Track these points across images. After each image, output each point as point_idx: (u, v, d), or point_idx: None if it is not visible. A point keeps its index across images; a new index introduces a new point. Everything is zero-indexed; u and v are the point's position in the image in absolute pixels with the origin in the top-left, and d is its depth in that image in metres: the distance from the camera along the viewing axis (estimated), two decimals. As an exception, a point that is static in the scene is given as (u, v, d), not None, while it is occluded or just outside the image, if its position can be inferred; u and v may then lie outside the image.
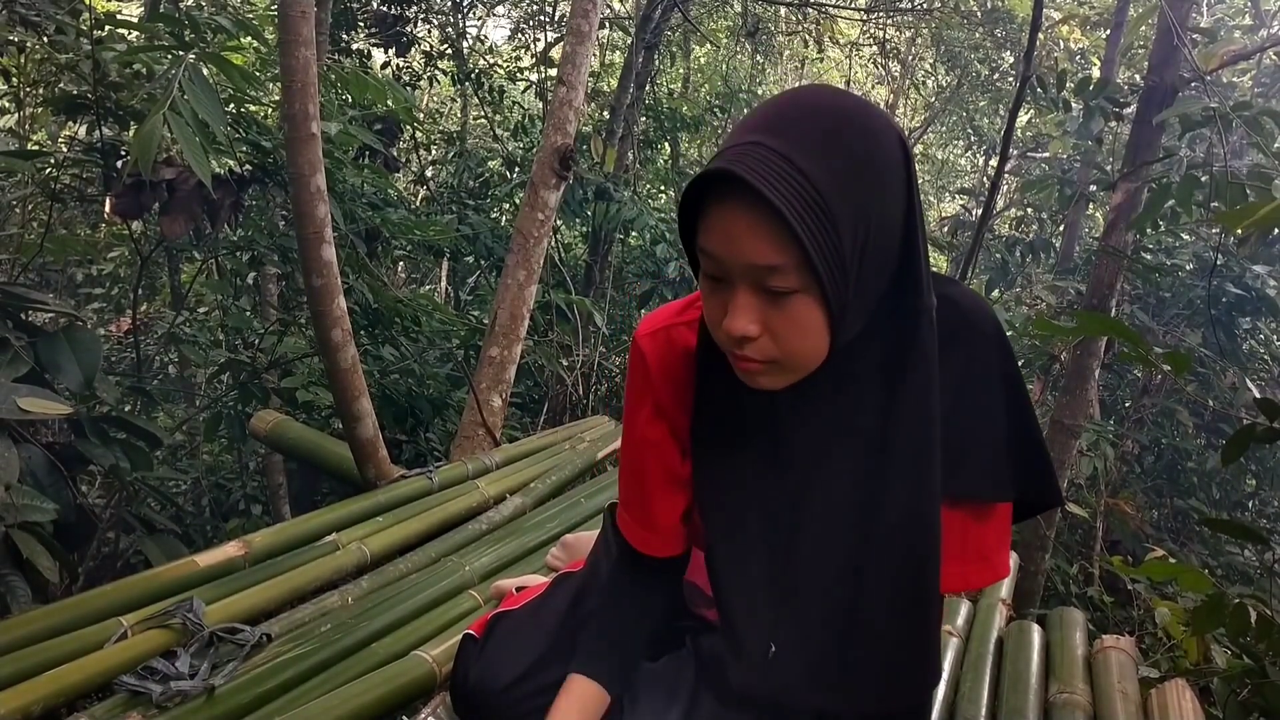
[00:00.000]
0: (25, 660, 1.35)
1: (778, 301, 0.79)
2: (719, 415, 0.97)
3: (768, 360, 0.82)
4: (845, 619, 0.91)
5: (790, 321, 0.80)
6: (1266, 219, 1.52)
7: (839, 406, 0.89)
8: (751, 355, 0.82)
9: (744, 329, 0.80)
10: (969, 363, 0.89)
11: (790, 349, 0.82)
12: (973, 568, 0.95)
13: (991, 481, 0.92)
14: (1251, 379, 4.16)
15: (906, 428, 0.87)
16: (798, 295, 0.78)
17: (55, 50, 2.73)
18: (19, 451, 1.66)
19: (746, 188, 0.75)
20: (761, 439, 0.94)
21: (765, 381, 0.85)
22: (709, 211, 0.80)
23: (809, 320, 0.80)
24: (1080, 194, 4.81)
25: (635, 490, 1.07)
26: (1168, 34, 3.20)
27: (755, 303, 0.80)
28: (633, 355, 1.03)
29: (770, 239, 0.76)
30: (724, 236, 0.78)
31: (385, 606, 1.67)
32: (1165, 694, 1.57)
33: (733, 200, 0.77)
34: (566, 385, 4.27)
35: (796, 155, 0.75)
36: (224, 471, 3.94)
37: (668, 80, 7.88)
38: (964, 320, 0.90)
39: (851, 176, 0.76)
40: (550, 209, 2.72)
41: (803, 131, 0.77)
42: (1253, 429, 1.36)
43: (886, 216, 0.79)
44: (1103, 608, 3.61)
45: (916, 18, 7.33)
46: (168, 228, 2.48)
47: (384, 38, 5.47)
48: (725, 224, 0.78)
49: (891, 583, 0.89)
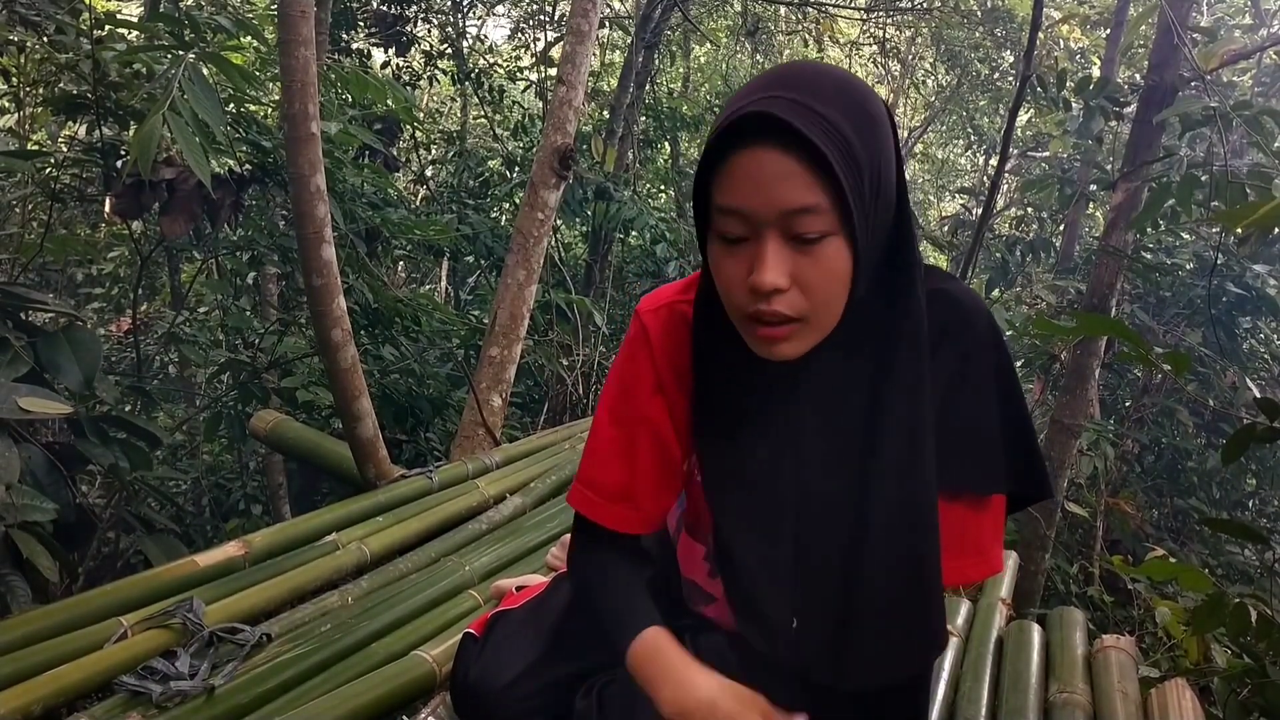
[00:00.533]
0: (25, 660, 1.35)
1: (807, 249, 0.80)
2: (721, 392, 0.96)
3: (796, 317, 0.82)
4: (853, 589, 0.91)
5: (821, 269, 0.80)
6: (1266, 218, 1.52)
7: (838, 375, 0.89)
8: (781, 310, 0.81)
9: (775, 280, 0.79)
10: (964, 356, 0.90)
11: (819, 299, 0.81)
12: (969, 561, 0.95)
13: (986, 474, 0.93)
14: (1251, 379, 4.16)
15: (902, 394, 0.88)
16: (828, 240, 0.79)
17: (55, 50, 2.73)
18: (19, 451, 1.66)
19: (775, 133, 0.76)
20: (765, 415, 0.93)
21: (787, 348, 0.84)
22: (731, 165, 0.79)
23: (839, 266, 0.81)
24: (1080, 193, 4.80)
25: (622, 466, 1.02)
26: (1168, 34, 3.20)
27: (784, 254, 0.80)
28: (633, 330, 1.01)
29: (804, 179, 0.77)
30: (754, 183, 0.78)
31: (385, 606, 1.67)
32: (1165, 694, 1.57)
33: (761, 146, 0.77)
34: (566, 385, 4.27)
35: (816, 104, 0.77)
36: (224, 471, 3.94)
37: (668, 80, 7.88)
38: (959, 314, 0.91)
39: (863, 124, 0.79)
40: (550, 209, 2.72)
41: (815, 86, 0.79)
42: (1253, 429, 1.36)
43: (887, 169, 0.82)
44: (1103, 607, 3.61)
45: (916, 17, 7.33)
46: (168, 228, 2.48)
47: (384, 37, 5.47)
48: (755, 170, 0.78)
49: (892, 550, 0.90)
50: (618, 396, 1.03)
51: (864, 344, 0.88)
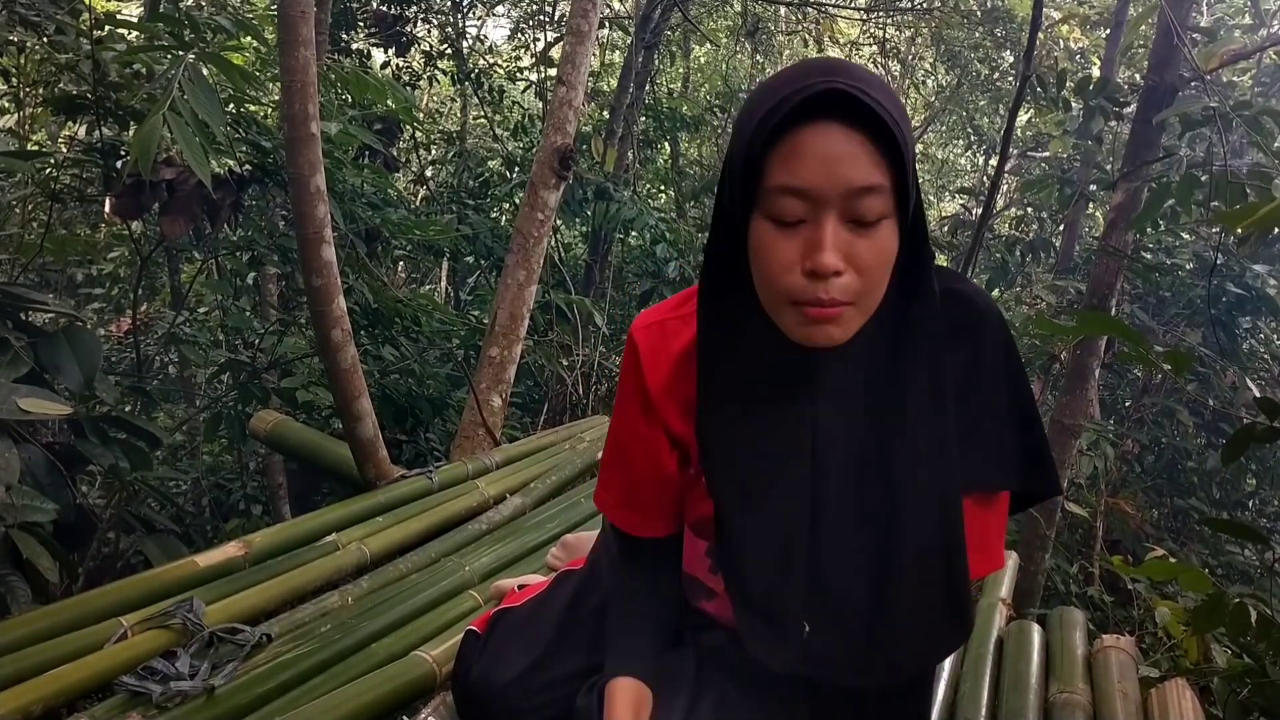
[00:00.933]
0: (25, 660, 1.35)
1: (865, 231, 0.80)
2: (730, 391, 0.95)
3: (851, 300, 0.81)
4: (875, 594, 0.90)
5: (876, 251, 0.80)
6: (1266, 219, 1.52)
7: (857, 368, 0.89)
8: (836, 296, 0.80)
9: (835, 263, 0.79)
10: (976, 354, 0.91)
11: (871, 283, 0.81)
12: (977, 557, 0.95)
13: (998, 471, 0.93)
14: (1251, 378, 4.16)
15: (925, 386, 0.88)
16: (885, 222, 0.80)
17: (55, 50, 2.73)
18: (19, 451, 1.66)
19: (840, 113, 0.77)
20: (779, 413, 0.92)
21: (836, 331, 0.83)
22: (795, 143, 0.79)
23: (889, 249, 0.81)
24: (1080, 194, 4.80)
25: (620, 477, 1.07)
26: (1168, 34, 3.20)
27: (844, 237, 0.79)
28: (627, 349, 1.03)
29: (871, 158, 0.77)
30: (819, 162, 0.78)
31: (385, 606, 1.67)
32: (1165, 694, 1.57)
33: (828, 123, 0.78)
34: (566, 385, 4.27)
35: (866, 89, 0.78)
36: (224, 471, 3.94)
37: (668, 80, 7.88)
38: (972, 313, 0.91)
39: (901, 115, 0.80)
40: (550, 209, 2.72)
41: (859, 76, 0.80)
42: (1253, 429, 1.36)
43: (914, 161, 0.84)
44: (1103, 607, 3.61)
45: (916, 17, 7.33)
46: (168, 228, 2.48)
47: (384, 38, 5.47)
48: (821, 148, 0.78)
49: (919, 554, 0.89)
50: (617, 412, 1.06)
51: (883, 336, 0.88)
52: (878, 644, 0.91)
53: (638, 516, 1.08)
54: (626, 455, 1.05)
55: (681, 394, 0.99)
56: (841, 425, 0.90)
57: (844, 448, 0.90)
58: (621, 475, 1.07)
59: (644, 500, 1.06)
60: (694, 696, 1.08)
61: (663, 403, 1.00)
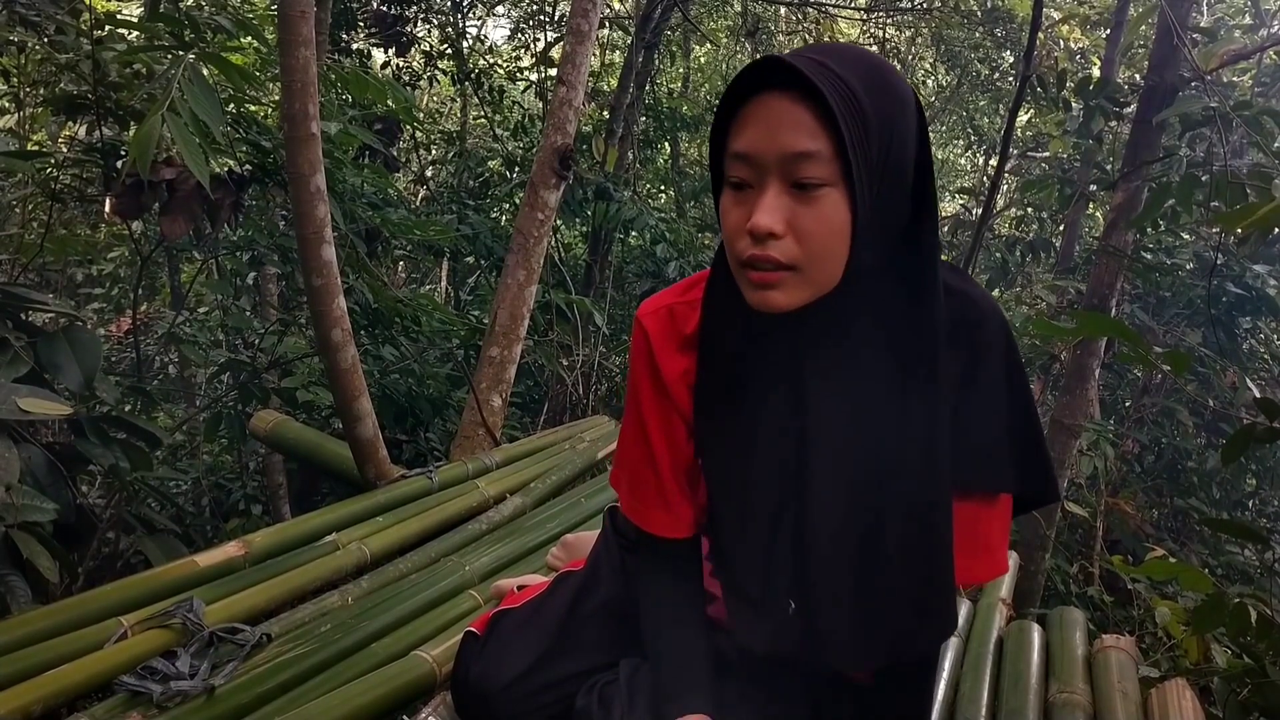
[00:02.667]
0: (25, 660, 1.35)
1: (806, 198, 0.82)
2: (725, 377, 0.97)
3: (788, 264, 0.83)
4: (859, 575, 0.91)
5: (817, 218, 0.82)
6: (1266, 219, 1.52)
7: (847, 355, 0.89)
8: (773, 255, 0.83)
9: (771, 224, 0.82)
10: (976, 355, 0.91)
11: (813, 251, 0.83)
12: (976, 561, 0.95)
13: (995, 473, 0.93)
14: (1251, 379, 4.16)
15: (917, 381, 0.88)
16: (827, 190, 0.82)
17: (55, 50, 2.73)
18: (19, 451, 1.66)
19: (790, 83, 0.81)
20: (769, 395, 0.94)
21: (780, 298, 0.85)
22: (744, 113, 0.84)
23: (835, 219, 0.82)
24: (1080, 194, 4.80)
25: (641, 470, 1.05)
26: (1168, 34, 3.20)
27: (783, 201, 0.83)
28: (635, 334, 1.04)
29: (807, 125, 0.81)
30: (761, 128, 0.82)
31: (385, 606, 1.67)
32: (1165, 694, 1.57)
33: (772, 94, 0.82)
34: (566, 385, 4.27)
35: (832, 63, 0.82)
36: (224, 471, 3.94)
37: (668, 80, 7.88)
38: (975, 314, 0.91)
39: (877, 90, 0.82)
40: (550, 209, 2.72)
41: (838, 52, 0.84)
42: (1253, 429, 1.36)
43: (905, 141, 0.84)
44: (1103, 607, 3.61)
45: (916, 17, 7.33)
46: (168, 228, 2.48)
47: (384, 38, 5.46)
48: (764, 116, 0.82)
49: (903, 536, 0.89)
50: (630, 402, 1.06)
51: (876, 321, 0.88)
52: (861, 627, 0.92)
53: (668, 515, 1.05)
54: (646, 445, 1.03)
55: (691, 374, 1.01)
56: (831, 409, 0.90)
57: (832, 432, 0.90)
58: (642, 468, 1.05)
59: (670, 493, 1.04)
60: None
61: (674, 383, 1.01)
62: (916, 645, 0.94)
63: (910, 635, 0.93)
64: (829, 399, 0.90)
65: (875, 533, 0.89)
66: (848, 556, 0.91)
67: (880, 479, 0.89)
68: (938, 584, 0.91)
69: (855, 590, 0.91)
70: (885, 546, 0.89)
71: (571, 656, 1.16)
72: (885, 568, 0.90)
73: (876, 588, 0.90)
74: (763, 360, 0.94)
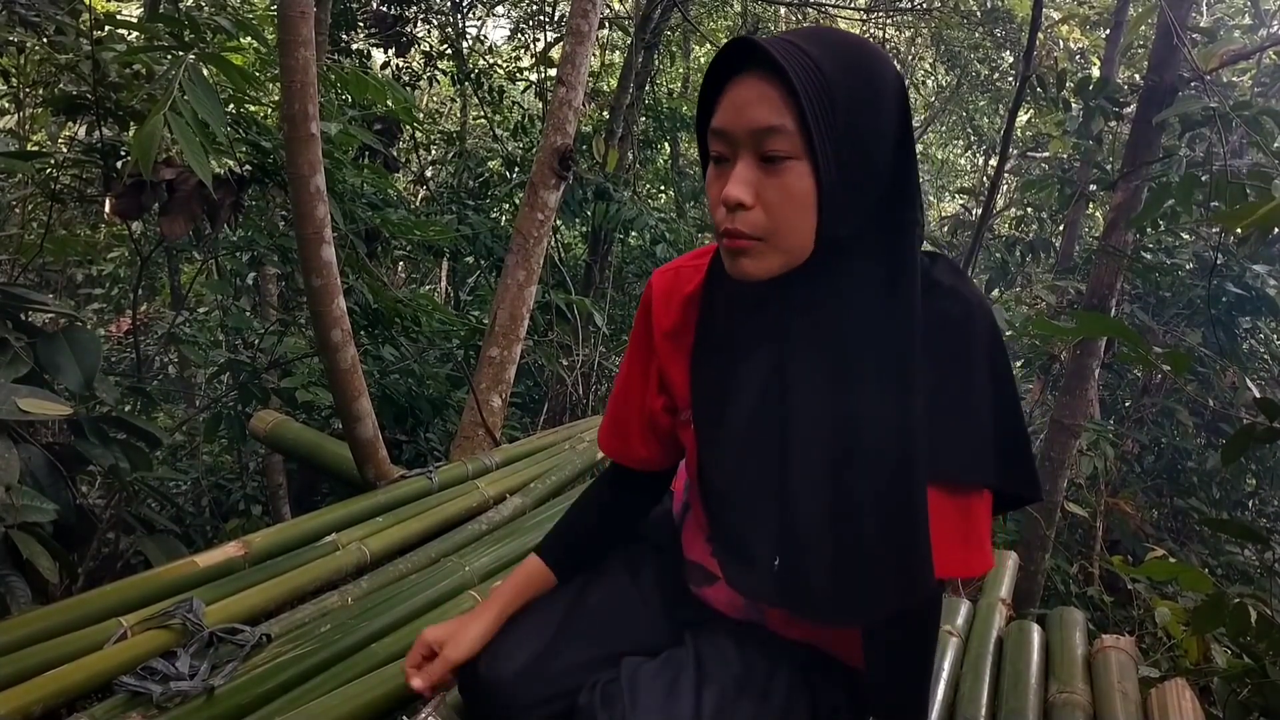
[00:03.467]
0: (25, 660, 1.35)
1: (773, 170, 0.87)
2: (718, 334, 1.04)
3: (757, 235, 0.89)
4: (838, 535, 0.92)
5: (782, 190, 0.87)
6: (1266, 219, 1.52)
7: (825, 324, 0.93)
8: (741, 228, 0.89)
9: (739, 195, 0.88)
10: (958, 347, 0.93)
11: (779, 221, 0.88)
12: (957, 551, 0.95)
13: (972, 465, 0.94)
14: (1251, 379, 4.16)
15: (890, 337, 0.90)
16: (792, 163, 0.87)
17: (55, 50, 2.73)
18: (19, 452, 1.66)
19: (759, 64, 0.86)
20: (753, 359, 0.99)
21: (750, 266, 0.91)
22: (723, 94, 0.90)
23: (800, 190, 0.87)
24: (1080, 194, 4.80)
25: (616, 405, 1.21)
26: (1168, 34, 3.20)
27: (753, 174, 0.88)
28: (645, 292, 1.15)
29: (773, 102, 0.86)
30: (733, 106, 0.88)
31: (385, 606, 1.67)
32: (1165, 694, 1.57)
33: (745, 75, 0.88)
34: (566, 385, 4.28)
35: (807, 45, 0.87)
36: (224, 471, 3.94)
37: (668, 80, 7.88)
38: (961, 308, 0.94)
39: (849, 69, 0.87)
40: (550, 209, 2.72)
41: (817, 35, 0.89)
42: (1253, 429, 1.36)
43: (875, 117, 0.88)
44: (1103, 607, 3.61)
45: (916, 17, 7.33)
46: (168, 228, 2.48)
47: (384, 38, 5.47)
48: (736, 95, 0.88)
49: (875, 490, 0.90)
50: (628, 349, 1.19)
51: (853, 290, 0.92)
52: (841, 583, 0.94)
53: (620, 442, 1.21)
54: (624, 387, 1.18)
55: (682, 339, 1.10)
56: (809, 377, 0.94)
57: (810, 398, 0.94)
58: (617, 405, 1.21)
59: (630, 430, 1.19)
60: (698, 688, 1.09)
61: (664, 345, 1.11)
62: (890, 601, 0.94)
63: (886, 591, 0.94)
64: (808, 366, 0.94)
65: (852, 496, 0.91)
66: (826, 517, 0.93)
67: (856, 445, 0.91)
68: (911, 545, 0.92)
69: (835, 548, 0.93)
70: (862, 509, 0.91)
71: (576, 649, 1.17)
72: (862, 528, 0.92)
73: (854, 547, 0.92)
74: (749, 325, 1.00)
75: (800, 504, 0.94)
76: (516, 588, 1.21)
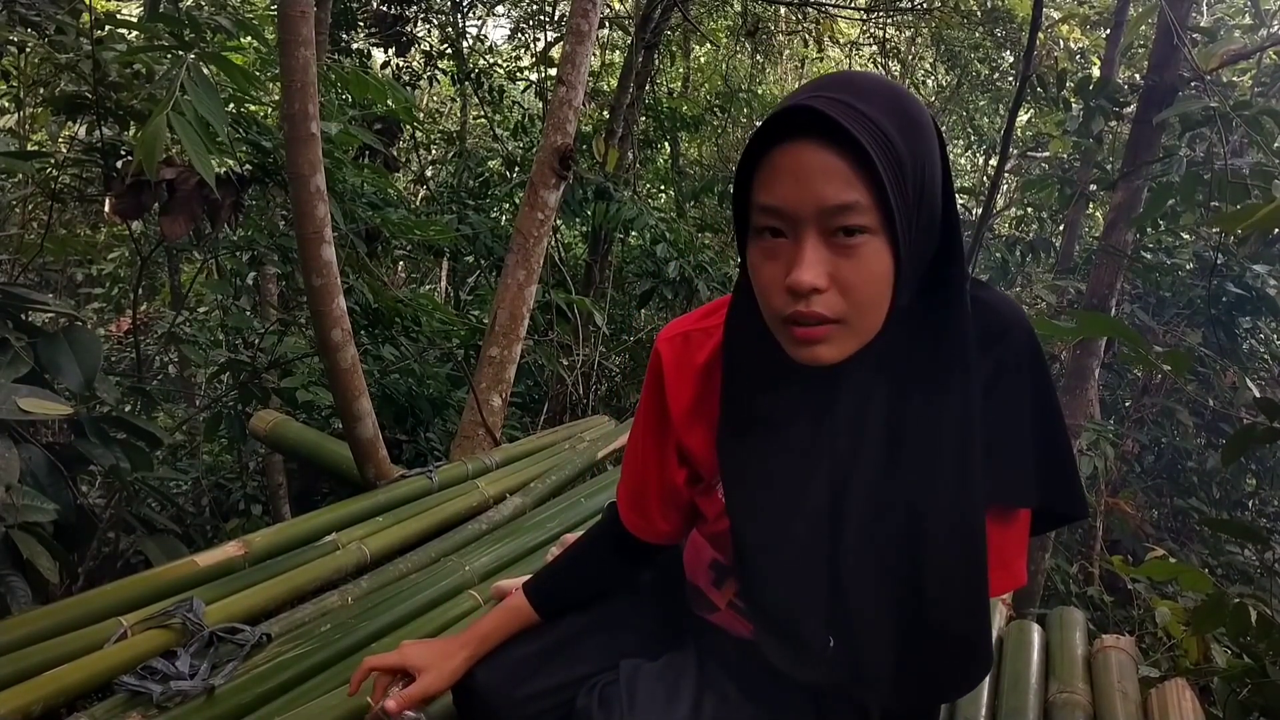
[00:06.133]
0: (25, 660, 1.34)
1: (847, 249, 0.79)
2: (752, 410, 0.94)
3: (835, 319, 0.80)
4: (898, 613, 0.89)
5: (861, 269, 0.79)
6: (1265, 220, 1.52)
7: (879, 386, 0.87)
8: (819, 311, 0.80)
9: (814, 280, 0.78)
10: (999, 366, 0.88)
11: (859, 300, 0.80)
12: (996, 574, 0.91)
13: (1017, 486, 0.90)
14: (1251, 379, 4.16)
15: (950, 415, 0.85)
16: (868, 239, 0.78)
17: (55, 50, 2.73)
18: (19, 451, 1.66)
19: (817, 129, 0.77)
20: (800, 430, 0.91)
21: (824, 351, 0.82)
22: (772, 161, 0.80)
23: (879, 267, 0.79)
24: (1080, 193, 4.80)
25: (633, 479, 1.12)
26: (1168, 34, 3.20)
27: (823, 254, 0.79)
28: (652, 359, 1.05)
29: (844, 175, 0.77)
30: (794, 179, 0.78)
31: (385, 606, 1.67)
32: (1165, 694, 1.57)
33: (803, 142, 0.78)
34: (566, 385, 4.27)
35: (860, 104, 0.77)
36: (224, 471, 3.94)
37: (668, 80, 7.88)
38: (998, 324, 0.89)
39: (906, 126, 0.79)
40: (550, 209, 2.72)
41: (858, 87, 0.80)
42: (1253, 429, 1.36)
43: (932, 176, 0.81)
44: (1103, 607, 3.61)
45: (916, 17, 7.32)
46: (168, 228, 2.48)
47: (384, 38, 5.47)
48: (796, 166, 0.78)
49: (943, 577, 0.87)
50: (637, 416, 1.10)
51: (907, 355, 0.86)
52: (905, 667, 0.90)
53: (641, 519, 1.11)
54: (641, 462, 1.09)
55: (701, 410, 1.00)
56: (863, 444, 0.88)
57: (865, 467, 0.88)
58: (634, 478, 1.11)
59: (649, 506, 1.10)
60: (698, 692, 1.08)
61: (681, 420, 1.02)
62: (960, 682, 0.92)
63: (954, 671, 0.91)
64: (862, 442, 0.88)
65: (914, 571, 0.87)
66: (885, 594, 0.88)
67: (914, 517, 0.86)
68: (978, 620, 0.89)
69: (897, 628, 0.89)
70: (925, 584, 0.87)
71: (572, 656, 1.16)
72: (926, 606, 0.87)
73: (919, 629, 0.88)
74: (790, 399, 0.91)
75: (857, 585, 0.89)
76: (498, 624, 1.17)
